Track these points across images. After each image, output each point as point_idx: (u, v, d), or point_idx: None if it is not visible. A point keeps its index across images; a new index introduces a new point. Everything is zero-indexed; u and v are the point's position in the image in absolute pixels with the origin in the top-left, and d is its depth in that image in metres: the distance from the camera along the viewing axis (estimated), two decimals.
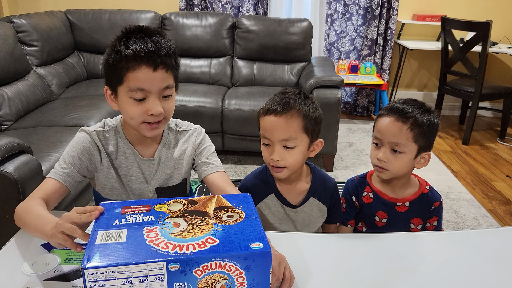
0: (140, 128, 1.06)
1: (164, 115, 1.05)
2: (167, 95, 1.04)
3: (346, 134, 3.71)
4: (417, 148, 1.16)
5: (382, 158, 1.16)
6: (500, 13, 4.03)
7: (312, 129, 1.12)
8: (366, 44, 4.02)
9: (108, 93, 1.07)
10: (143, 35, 1.00)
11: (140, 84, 0.99)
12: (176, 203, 0.84)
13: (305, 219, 1.23)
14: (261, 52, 3.38)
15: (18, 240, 0.98)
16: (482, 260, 0.98)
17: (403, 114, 1.14)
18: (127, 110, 1.03)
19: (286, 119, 1.08)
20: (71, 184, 1.07)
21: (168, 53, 1.01)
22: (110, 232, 0.74)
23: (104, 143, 1.12)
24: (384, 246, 1.04)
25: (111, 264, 0.66)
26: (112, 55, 1.00)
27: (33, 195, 1.01)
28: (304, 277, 0.89)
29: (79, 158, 1.08)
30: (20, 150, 1.63)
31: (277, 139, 1.10)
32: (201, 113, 2.86)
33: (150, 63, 0.98)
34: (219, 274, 0.71)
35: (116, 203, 0.83)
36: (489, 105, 4.29)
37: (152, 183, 1.17)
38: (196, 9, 3.82)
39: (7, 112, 2.40)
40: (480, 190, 2.79)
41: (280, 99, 1.11)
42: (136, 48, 0.97)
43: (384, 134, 1.16)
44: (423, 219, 1.26)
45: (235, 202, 0.86)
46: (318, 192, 1.23)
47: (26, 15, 2.88)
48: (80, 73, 3.28)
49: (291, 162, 1.12)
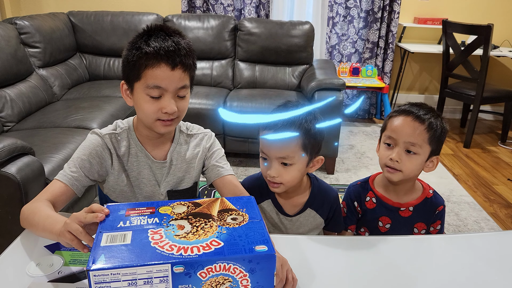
0: (153, 125, 1.06)
1: (178, 114, 1.05)
2: (182, 95, 1.05)
3: (347, 136, 3.71)
4: (430, 150, 1.15)
5: (396, 158, 1.14)
6: (502, 17, 4.03)
7: (312, 147, 1.11)
8: (368, 47, 4.02)
9: (124, 88, 1.08)
10: (165, 34, 1.01)
11: (158, 82, 1.00)
12: (180, 205, 0.84)
13: (299, 229, 1.22)
14: (263, 55, 3.38)
15: (22, 241, 0.98)
16: (484, 263, 0.98)
17: (418, 116, 1.13)
18: (142, 106, 1.04)
19: (284, 138, 1.07)
20: (78, 188, 1.07)
21: (187, 53, 1.02)
22: (115, 234, 0.74)
23: (116, 146, 1.12)
24: (386, 249, 1.04)
25: (116, 266, 0.67)
26: (133, 51, 1.01)
27: (40, 197, 1.01)
28: (307, 280, 0.89)
29: (89, 162, 1.08)
30: (22, 152, 1.64)
31: (274, 156, 1.09)
32: (202, 115, 2.86)
33: (169, 62, 0.99)
34: (224, 277, 0.71)
35: (120, 205, 0.83)
36: (490, 108, 4.29)
37: (163, 185, 1.17)
38: (198, 11, 3.83)
39: (9, 113, 2.41)
40: (481, 193, 2.79)
41: (281, 115, 1.10)
42: (157, 46, 0.98)
43: (400, 134, 1.14)
44: (427, 224, 1.25)
45: (239, 205, 0.86)
46: (316, 204, 1.21)
47: (29, 17, 2.89)
48: (82, 74, 3.28)
49: (288, 179, 1.11)
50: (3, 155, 1.53)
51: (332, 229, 1.27)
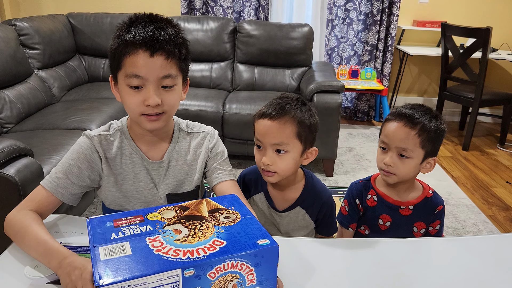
0: (139, 121, 1.00)
1: (164, 108, 0.98)
2: (167, 85, 0.97)
3: (346, 139, 3.71)
4: (423, 153, 1.16)
5: (389, 163, 1.16)
6: (500, 20, 4.05)
7: (306, 137, 1.11)
8: (367, 49, 4.03)
9: (113, 82, 1.03)
10: (148, 20, 0.96)
11: (136, 70, 0.93)
12: (168, 210, 0.83)
13: (290, 224, 1.22)
14: (262, 57, 3.38)
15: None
16: (482, 266, 0.98)
17: (411, 120, 1.14)
18: (125, 99, 0.98)
19: (280, 124, 1.07)
20: (64, 196, 1.01)
21: (171, 40, 0.95)
22: (112, 247, 0.72)
23: (106, 148, 1.06)
24: (384, 252, 1.04)
25: (126, 278, 0.65)
26: (114, 40, 0.97)
27: (23, 207, 0.96)
28: (306, 282, 0.89)
29: (77, 167, 1.02)
30: (21, 153, 1.63)
31: (269, 143, 1.09)
32: (201, 117, 2.86)
33: (147, 47, 0.93)
34: (231, 274, 0.72)
35: (105, 217, 0.81)
36: (489, 111, 4.30)
37: (161, 188, 1.10)
38: (198, 13, 3.84)
39: (8, 115, 2.40)
40: (480, 196, 2.80)
41: (277, 103, 1.10)
42: (136, 31, 0.93)
43: (392, 139, 1.16)
44: (426, 223, 1.26)
45: (226, 203, 0.87)
46: (306, 203, 1.21)
47: (28, 18, 2.89)
48: (81, 76, 3.28)
49: (282, 168, 1.11)
50: (1, 156, 1.53)
51: (322, 233, 1.27)
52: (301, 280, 0.89)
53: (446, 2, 4.04)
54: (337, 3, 3.89)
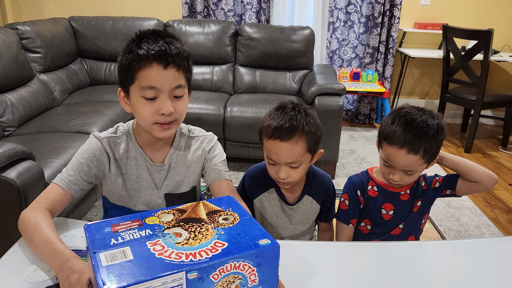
0: (152, 129, 1.06)
1: (176, 116, 1.05)
2: (178, 95, 1.05)
3: (348, 141, 3.71)
4: (427, 165, 1.22)
5: (397, 180, 1.21)
6: (502, 22, 4.04)
7: (315, 144, 1.17)
8: (368, 52, 4.03)
9: (122, 95, 1.09)
10: (156, 36, 1.02)
11: (152, 82, 1.00)
12: (166, 214, 0.83)
13: (301, 216, 1.31)
14: (263, 60, 3.39)
15: (20, 247, 0.97)
16: (485, 269, 0.98)
17: (413, 146, 1.15)
18: (139, 110, 1.04)
19: (292, 145, 1.13)
20: (76, 191, 1.07)
21: (180, 53, 1.02)
22: (113, 252, 0.72)
23: (114, 149, 1.13)
24: (386, 254, 1.03)
25: (130, 283, 0.65)
26: (125, 55, 1.02)
27: (39, 203, 1.01)
28: (304, 285, 0.89)
29: (87, 165, 1.09)
30: (22, 156, 1.64)
31: (283, 162, 1.15)
32: (203, 120, 2.87)
33: (161, 61, 0.99)
34: (234, 275, 0.72)
35: (102, 222, 0.81)
36: (491, 113, 4.29)
37: (161, 189, 1.17)
38: (199, 16, 3.84)
39: (10, 118, 2.41)
40: (482, 199, 2.79)
41: (283, 122, 1.12)
42: (148, 47, 0.99)
43: (397, 164, 1.20)
44: (423, 198, 1.32)
45: (223, 205, 0.87)
46: (312, 190, 1.30)
47: (30, 22, 2.90)
48: (83, 79, 3.29)
49: (297, 178, 1.19)
50: (3, 160, 1.53)
51: (323, 219, 1.36)
52: (302, 282, 0.89)
53: (448, 4, 4.04)
54: (338, 5, 3.90)
